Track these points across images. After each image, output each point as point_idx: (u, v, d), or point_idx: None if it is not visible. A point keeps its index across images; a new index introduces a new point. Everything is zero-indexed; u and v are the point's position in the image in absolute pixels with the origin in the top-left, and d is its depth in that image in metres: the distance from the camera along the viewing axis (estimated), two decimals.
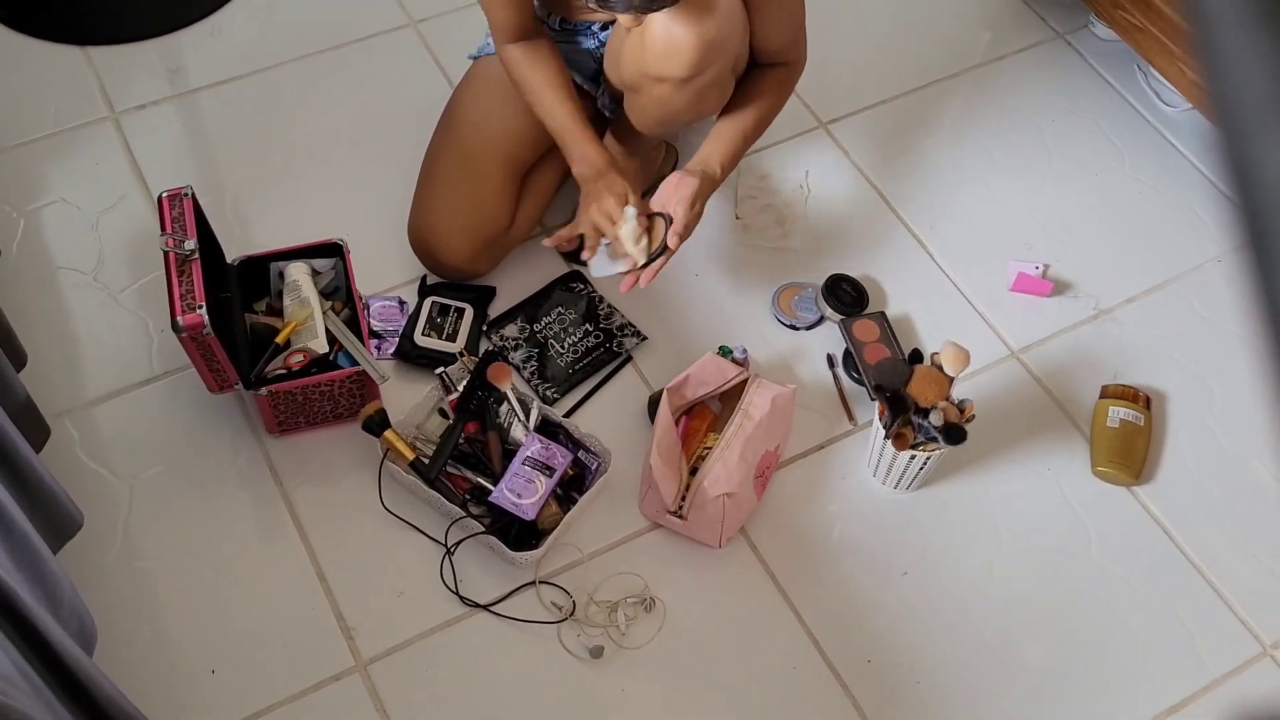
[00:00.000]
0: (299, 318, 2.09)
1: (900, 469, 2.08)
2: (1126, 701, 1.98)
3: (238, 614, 1.97)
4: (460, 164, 2.28)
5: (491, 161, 2.26)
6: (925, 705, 1.95)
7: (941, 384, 1.99)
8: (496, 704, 1.91)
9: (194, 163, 2.52)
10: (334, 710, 1.88)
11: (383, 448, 2.05)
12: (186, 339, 1.90)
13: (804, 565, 2.05)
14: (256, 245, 2.30)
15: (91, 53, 2.66)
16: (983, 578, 2.08)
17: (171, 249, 1.94)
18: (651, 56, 2.03)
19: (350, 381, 2.06)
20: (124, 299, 2.30)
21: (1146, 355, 2.36)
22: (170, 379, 2.20)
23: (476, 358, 2.17)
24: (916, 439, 2.01)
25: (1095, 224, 2.55)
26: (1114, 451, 2.19)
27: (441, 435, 2.10)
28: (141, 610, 1.96)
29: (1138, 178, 2.64)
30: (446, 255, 2.26)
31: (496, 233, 2.26)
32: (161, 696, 1.85)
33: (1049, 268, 2.45)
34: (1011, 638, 2.02)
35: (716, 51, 2.02)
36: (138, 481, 2.09)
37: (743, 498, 1.99)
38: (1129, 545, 2.14)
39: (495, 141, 2.27)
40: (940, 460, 2.08)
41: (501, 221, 2.26)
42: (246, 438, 2.14)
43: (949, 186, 2.58)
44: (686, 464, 2.01)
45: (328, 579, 2.00)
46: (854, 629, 2.01)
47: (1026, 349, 2.36)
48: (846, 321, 2.31)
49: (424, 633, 1.96)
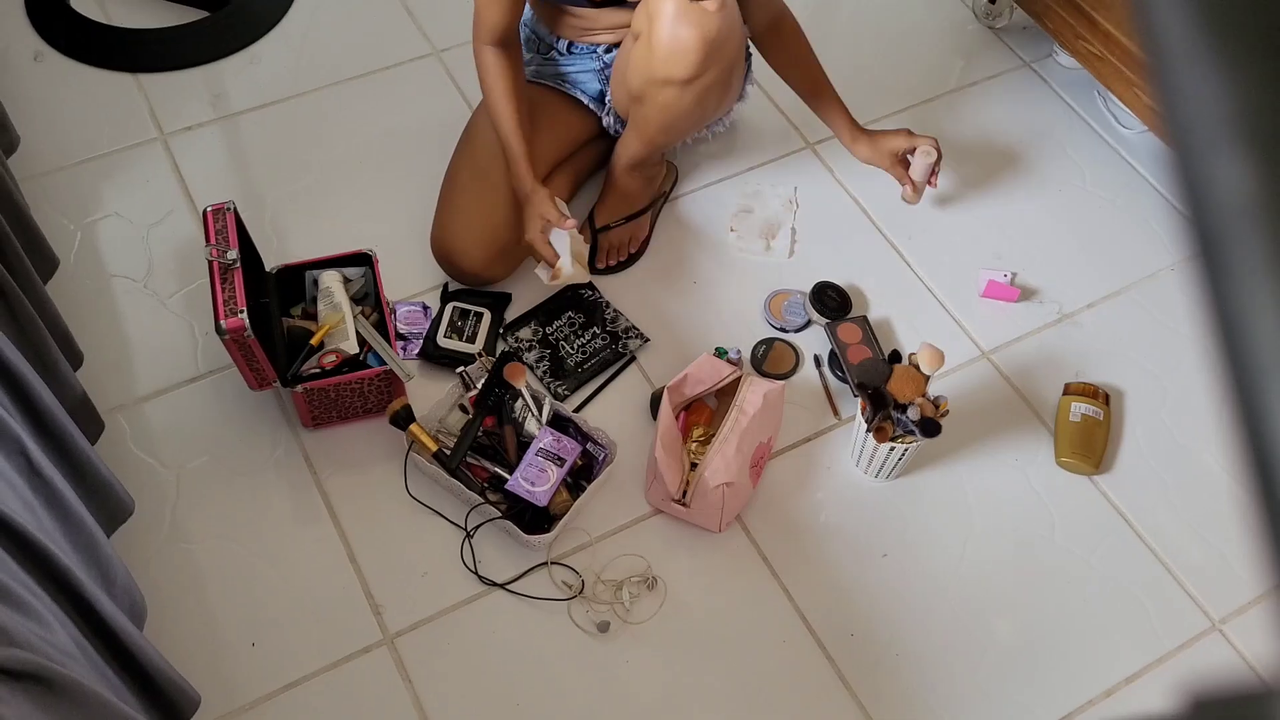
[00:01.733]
0: (332, 321, 2.09)
1: (881, 460, 2.07)
2: (1088, 672, 1.98)
3: (276, 592, 1.97)
4: (476, 177, 2.27)
5: (504, 174, 2.25)
6: (903, 676, 1.94)
7: (918, 382, 1.98)
8: (511, 674, 1.90)
9: (236, 180, 2.52)
10: (364, 680, 1.88)
11: (408, 440, 2.05)
12: (229, 341, 1.90)
13: (793, 548, 2.05)
14: (293, 255, 2.31)
15: (142, 79, 2.66)
16: (956, 559, 2.08)
17: (215, 258, 1.94)
18: (658, 60, 2.03)
19: (378, 380, 2.06)
20: (172, 304, 2.30)
21: (1105, 356, 2.36)
22: (214, 377, 2.20)
23: (494, 358, 2.16)
24: (895, 432, 2.01)
25: (1059, 235, 2.55)
26: (1076, 444, 2.19)
27: (462, 429, 2.09)
28: (187, 589, 1.96)
29: (1098, 193, 2.64)
30: (464, 262, 2.25)
31: (510, 241, 2.25)
32: (206, 667, 1.86)
33: (1016, 275, 2.44)
34: (982, 613, 2.02)
35: (719, 50, 2.03)
36: (184, 471, 2.09)
37: (740, 486, 1.99)
38: (1089, 530, 2.13)
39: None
40: (917, 452, 2.08)
41: (515, 230, 2.25)
42: (283, 431, 2.14)
43: (925, 202, 2.57)
44: (688, 456, 2.01)
45: (358, 560, 2.00)
46: (839, 606, 2.00)
47: (996, 350, 2.36)
48: (832, 325, 2.30)
49: (446, 609, 1.96)
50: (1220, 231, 0.38)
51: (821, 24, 2.93)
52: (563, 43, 2.26)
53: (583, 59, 2.30)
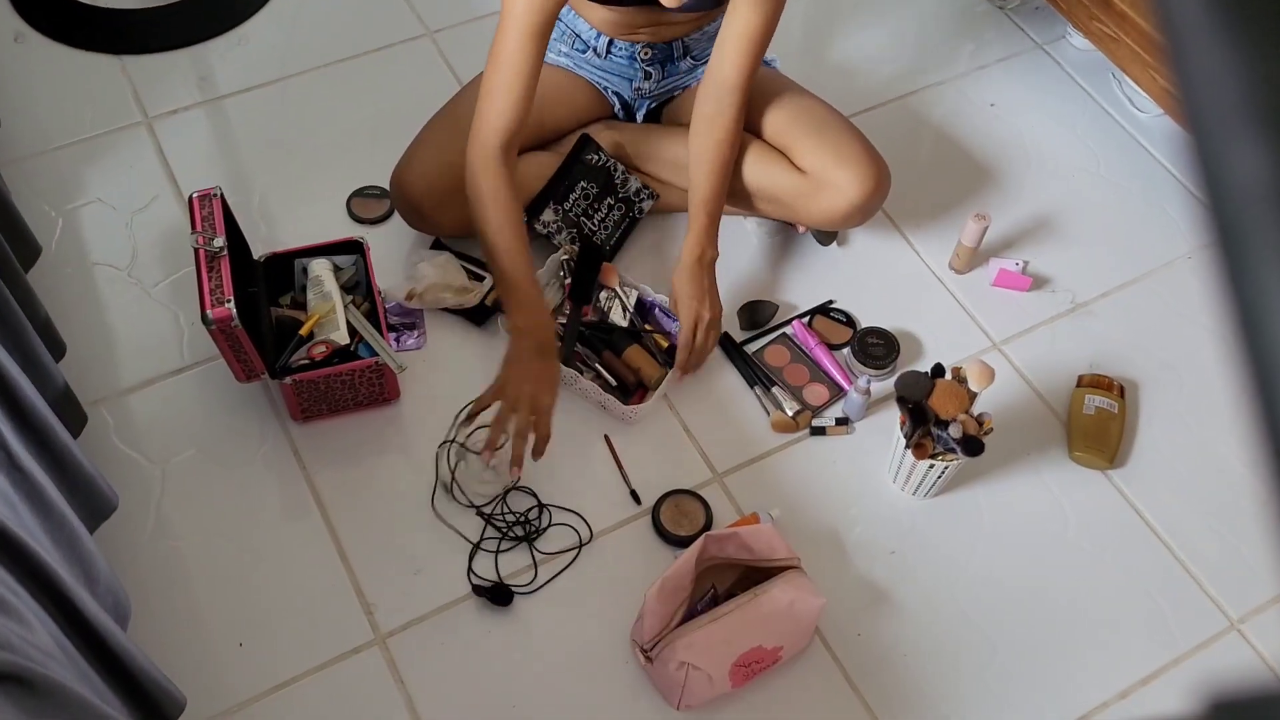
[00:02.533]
0: (321, 311, 2.09)
1: (919, 477, 2.06)
2: (1100, 673, 1.97)
3: (264, 590, 1.97)
4: (447, 120, 2.29)
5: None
6: (911, 676, 1.94)
7: (962, 398, 1.95)
8: (508, 676, 1.90)
9: (223, 165, 2.51)
10: (354, 681, 1.88)
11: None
12: (215, 331, 1.90)
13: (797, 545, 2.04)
14: (281, 243, 2.32)
15: (126, 61, 2.66)
16: (965, 555, 2.07)
17: (201, 246, 1.93)
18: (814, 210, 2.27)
19: (369, 371, 2.06)
20: (157, 293, 2.30)
21: (1120, 347, 2.36)
22: (200, 369, 2.20)
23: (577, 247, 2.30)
24: (935, 449, 2.00)
25: (1072, 223, 2.55)
26: (1089, 438, 2.18)
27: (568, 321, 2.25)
28: (173, 587, 1.96)
29: (1112, 179, 2.64)
30: (414, 192, 2.25)
31: (459, 180, 2.14)
32: (192, 668, 1.85)
33: (1029, 264, 2.44)
34: (992, 612, 2.02)
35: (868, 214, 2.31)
36: (169, 465, 2.08)
37: (712, 679, 1.81)
38: (1104, 526, 2.13)
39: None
40: (959, 470, 2.07)
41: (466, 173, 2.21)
42: (272, 424, 2.14)
43: (933, 186, 2.57)
44: (682, 611, 1.83)
45: (349, 557, 2.00)
46: (844, 604, 2.00)
47: (1007, 341, 2.36)
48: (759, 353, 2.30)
49: (440, 608, 1.96)
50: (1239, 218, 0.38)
51: (829, 6, 2.92)
52: (602, 40, 2.27)
53: (619, 60, 2.31)
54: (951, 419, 1.95)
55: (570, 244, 2.30)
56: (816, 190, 2.23)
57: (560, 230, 2.31)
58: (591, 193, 2.33)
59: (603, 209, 2.34)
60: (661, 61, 2.32)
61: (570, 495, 2.08)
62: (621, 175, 2.36)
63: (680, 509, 2.07)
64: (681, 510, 2.07)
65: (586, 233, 2.32)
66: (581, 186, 2.33)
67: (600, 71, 2.35)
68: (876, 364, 2.26)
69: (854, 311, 2.37)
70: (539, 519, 2.05)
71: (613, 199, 2.35)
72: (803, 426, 2.20)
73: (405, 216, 2.31)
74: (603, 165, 2.34)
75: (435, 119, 2.32)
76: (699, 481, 2.13)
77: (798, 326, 2.33)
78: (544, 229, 2.30)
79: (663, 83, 2.36)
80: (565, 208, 2.31)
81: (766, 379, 2.25)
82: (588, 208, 2.33)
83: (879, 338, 2.29)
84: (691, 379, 2.23)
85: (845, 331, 2.33)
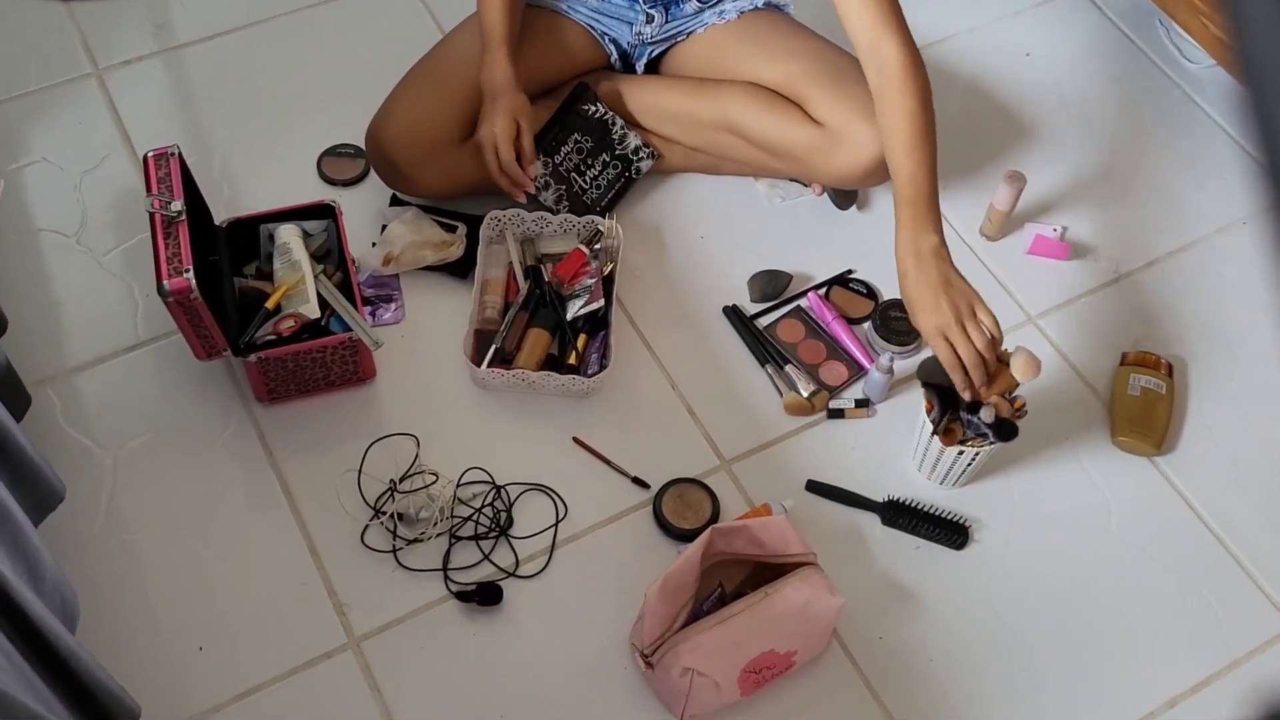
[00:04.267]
0: (290, 282, 2.08)
1: (947, 465, 2.06)
2: (1146, 680, 1.97)
3: (226, 589, 1.96)
4: (428, 71, 2.30)
5: (456, 76, 2.26)
6: (938, 683, 1.94)
7: (1005, 379, 1.94)
8: (494, 684, 1.90)
9: (181, 121, 2.50)
10: (325, 688, 1.88)
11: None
12: (173, 304, 1.89)
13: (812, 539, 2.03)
14: (246, 207, 2.30)
15: (74, 7, 2.64)
16: (997, 550, 2.07)
17: (157, 210, 1.93)
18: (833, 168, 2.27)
19: (343, 348, 2.05)
20: (108, 262, 2.29)
21: (1168, 321, 2.35)
22: (156, 345, 2.20)
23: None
24: (965, 435, 1.99)
25: (1115, 184, 2.54)
26: (1134, 420, 2.18)
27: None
28: (126, 585, 1.96)
29: (1160, 136, 2.63)
30: (393, 151, 2.25)
31: (444, 141, 2.26)
32: (147, 674, 1.85)
33: (1067, 230, 2.43)
34: (1027, 613, 2.02)
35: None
36: (122, 452, 2.08)
37: (719, 686, 1.80)
38: (1150, 518, 2.13)
39: (467, 63, 2.26)
40: (990, 457, 2.06)
41: (450, 131, 2.26)
42: (235, 406, 2.13)
43: (962, 143, 2.56)
44: (686, 612, 1.83)
45: (320, 553, 2.00)
46: (865, 604, 2.00)
47: (1044, 314, 2.35)
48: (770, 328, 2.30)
49: (419, 608, 1.96)
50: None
51: None
52: None
53: (617, 1, 2.30)
54: (984, 402, 1.94)
55: (557, 204, 2.31)
56: (834, 145, 2.22)
57: (548, 186, 2.31)
58: (585, 147, 2.32)
59: (596, 166, 2.33)
60: (665, 3, 2.31)
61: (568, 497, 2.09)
62: (620, 130, 2.34)
63: (684, 499, 2.06)
64: (685, 501, 2.07)
65: (576, 191, 2.31)
66: (575, 139, 2.32)
67: (595, 14, 2.34)
68: (900, 339, 2.25)
69: (875, 282, 2.36)
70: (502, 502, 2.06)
71: (608, 155, 2.34)
72: (819, 409, 2.20)
73: (383, 176, 2.31)
74: (599, 118, 2.33)
75: (415, 70, 2.32)
76: (704, 469, 2.12)
77: (813, 299, 2.32)
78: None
79: (665, 27, 2.35)
80: (555, 161, 2.30)
81: (779, 356, 2.24)
82: (580, 163, 2.32)
83: (903, 311, 2.25)
84: (692, 355, 2.23)
85: (866, 304, 2.32)
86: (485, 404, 2.16)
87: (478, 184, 2.29)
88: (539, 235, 2.31)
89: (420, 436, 2.11)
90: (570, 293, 2.22)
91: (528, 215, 2.28)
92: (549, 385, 2.14)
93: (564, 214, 2.29)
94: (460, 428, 2.14)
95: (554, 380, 2.13)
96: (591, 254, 2.24)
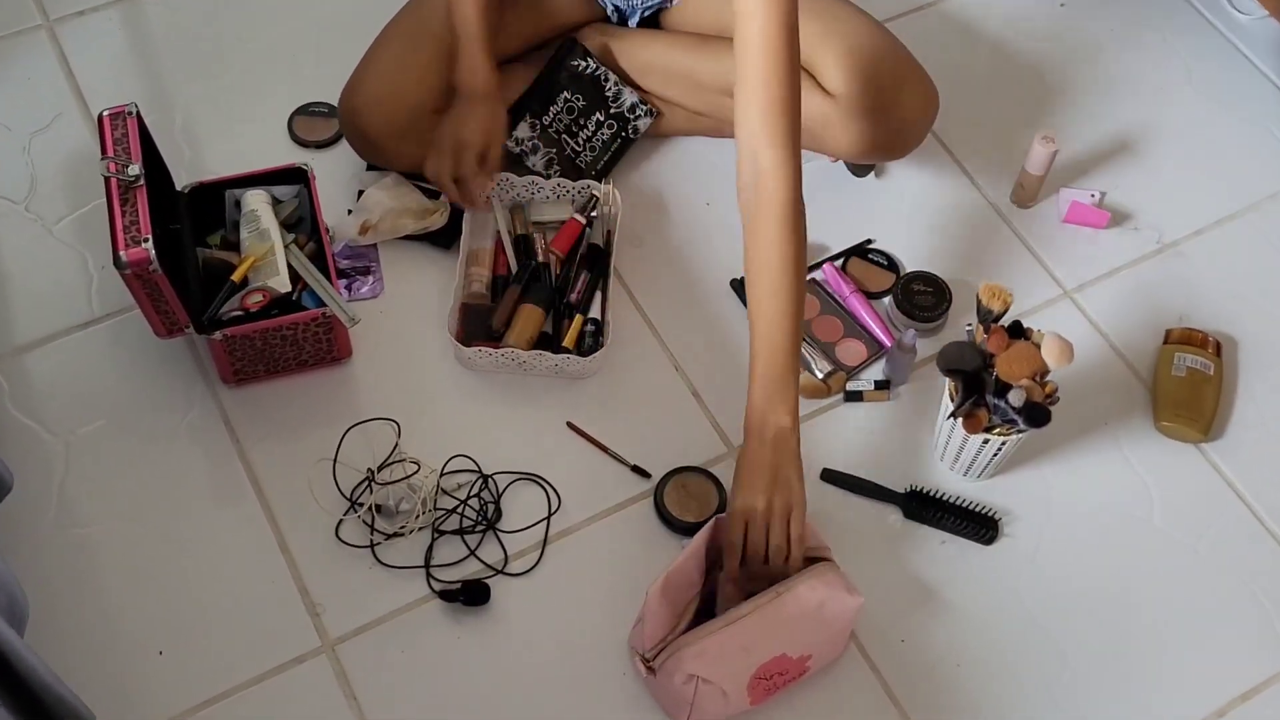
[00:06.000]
0: (258, 252, 2.07)
1: (971, 455, 2.04)
2: (1192, 687, 1.96)
3: (188, 588, 1.96)
4: (402, 36, 2.28)
5: (435, 39, 2.24)
6: (965, 690, 1.94)
7: (1033, 359, 1.92)
8: (481, 691, 1.90)
9: (139, 77, 2.50)
10: (297, 695, 1.88)
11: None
12: (130, 276, 1.89)
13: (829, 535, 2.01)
14: (210, 171, 2.29)
15: None
16: (1030, 546, 2.07)
17: (114, 174, 1.92)
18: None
19: (315, 325, 2.04)
20: (59, 231, 2.29)
21: (1216, 295, 2.35)
22: (112, 322, 2.19)
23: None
24: (991, 421, 1.97)
25: (1158, 146, 2.53)
26: (1180, 404, 2.17)
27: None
28: (79, 583, 1.95)
29: (1207, 93, 2.62)
30: (367, 121, 2.24)
31: (424, 111, 2.24)
32: (102, 681, 1.85)
33: (1106, 195, 2.43)
34: (1063, 614, 2.01)
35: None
36: (75, 438, 2.07)
37: (727, 694, 1.79)
38: (1197, 510, 2.12)
39: (447, 25, 2.25)
40: (1019, 445, 2.05)
41: (427, 98, 2.24)
42: (198, 388, 2.13)
43: (991, 103, 2.56)
44: (690, 613, 1.83)
45: (290, 549, 1.99)
46: (886, 604, 1.99)
47: (1080, 288, 2.35)
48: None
49: (398, 610, 1.95)
50: None
51: None
52: None
53: None
54: (1013, 384, 1.92)
55: (547, 169, 2.30)
56: (847, 118, 2.20)
57: (536, 150, 2.29)
58: (577, 106, 2.31)
59: (589, 126, 2.32)
60: None
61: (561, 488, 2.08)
62: (614, 87, 2.33)
63: (688, 490, 2.06)
64: (689, 491, 2.06)
65: (569, 154, 2.30)
66: (564, 98, 2.31)
67: None
68: (924, 315, 2.24)
69: (896, 253, 2.35)
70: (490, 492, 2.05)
71: (602, 114, 2.32)
72: (835, 391, 2.19)
73: (357, 149, 2.31)
74: (591, 74, 2.32)
75: (389, 32, 2.30)
76: (710, 457, 2.12)
77: (829, 271, 2.31)
78: (516, 147, 2.29)
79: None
80: (544, 123, 2.29)
81: None
82: (571, 124, 2.31)
83: (926, 284, 2.27)
84: (697, 332, 2.22)
85: (886, 277, 2.31)
86: (472, 386, 2.16)
87: None
88: (530, 202, 2.30)
89: (400, 421, 2.10)
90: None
91: (517, 180, 2.27)
92: (541, 366, 2.12)
93: (556, 178, 2.28)
94: (444, 412, 2.13)
95: (546, 360, 2.11)
96: (587, 223, 2.22)
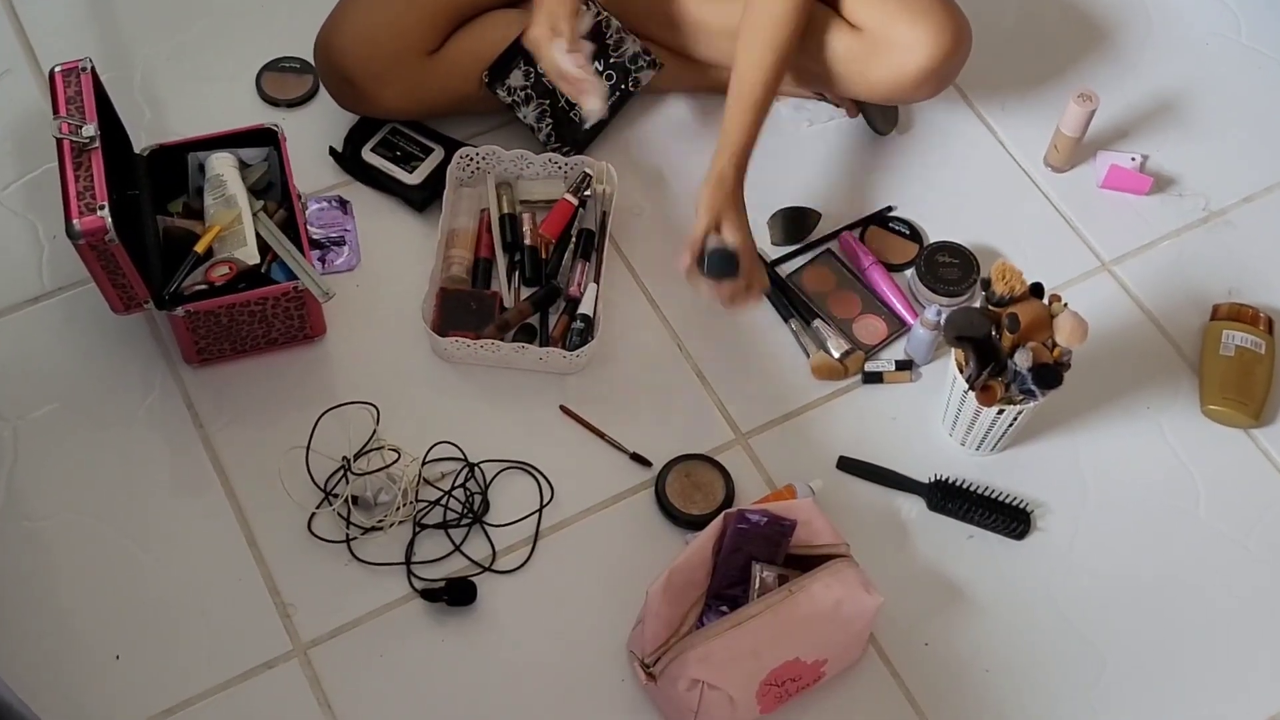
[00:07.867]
0: (223, 221, 2.07)
1: (984, 428, 2.06)
2: (1238, 694, 1.97)
3: (148, 586, 1.96)
4: None
5: None
6: (993, 697, 1.94)
7: (1043, 322, 1.93)
8: (466, 699, 1.90)
9: (95, 30, 2.49)
10: (267, 702, 1.88)
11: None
12: (85, 247, 1.88)
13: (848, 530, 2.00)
14: (172, 132, 2.29)
15: None
16: (1065, 540, 2.06)
17: (66, 136, 1.92)
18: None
19: (286, 300, 2.04)
20: (7, 198, 2.29)
21: (1267, 268, 2.35)
22: (65, 296, 2.19)
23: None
24: (1009, 388, 1.97)
25: (1204, 106, 2.53)
26: (1228, 386, 2.18)
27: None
28: (30, 581, 1.95)
29: (1257, 49, 2.62)
30: (346, 62, 2.25)
31: (408, 51, 2.25)
32: (55, 688, 1.85)
33: (1148, 159, 2.42)
34: (1099, 614, 2.01)
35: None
36: (24, 423, 2.07)
37: (736, 699, 1.79)
38: (1246, 501, 2.12)
39: None
40: (1032, 415, 2.05)
41: (414, 41, 2.26)
42: (159, 369, 2.13)
43: (1023, 58, 2.55)
44: (694, 613, 1.84)
45: (259, 544, 1.99)
46: (908, 604, 1.99)
47: (1120, 259, 2.34)
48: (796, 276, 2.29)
49: (376, 610, 1.95)
50: None
51: None
52: None
53: None
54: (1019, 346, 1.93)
55: (539, 121, 2.31)
56: (875, 51, 2.19)
57: (529, 100, 2.30)
58: None
59: None
60: None
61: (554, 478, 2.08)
62: (615, 34, 2.32)
63: (692, 480, 2.06)
64: (694, 481, 2.06)
65: (562, 106, 2.30)
66: None
67: None
68: (949, 289, 2.24)
69: (919, 221, 2.35)
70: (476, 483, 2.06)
71: (601, 64, 2.31)
72: (852, 372, 2.19)
73: (334, 94, 2.31)
74: (588, 19, 2.30)
75: None
76: (717, 444, 2.12)
77: (847, 240, 2.31)
78: (509, 96, 2.30)
79: None
80: (539, 71, 2.28)
81: (805, 310, 2.23)
82: None
83: (952, 255, 2.27)
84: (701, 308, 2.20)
85: (909, 247, 2.31)
86: (456, 368, 2.16)
87: (450, 103, 2.30)
88: (518, 177, 2.30)
89: (379, 406, 2.10)
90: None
91: (504, 154, 2.27)
92: (523, 361, 2.13)
93: (547, 154, 2.28)
94: (426, 396, 2.14)
95: (529, 355, 2.12)
96: (580, 204, 2.22)
